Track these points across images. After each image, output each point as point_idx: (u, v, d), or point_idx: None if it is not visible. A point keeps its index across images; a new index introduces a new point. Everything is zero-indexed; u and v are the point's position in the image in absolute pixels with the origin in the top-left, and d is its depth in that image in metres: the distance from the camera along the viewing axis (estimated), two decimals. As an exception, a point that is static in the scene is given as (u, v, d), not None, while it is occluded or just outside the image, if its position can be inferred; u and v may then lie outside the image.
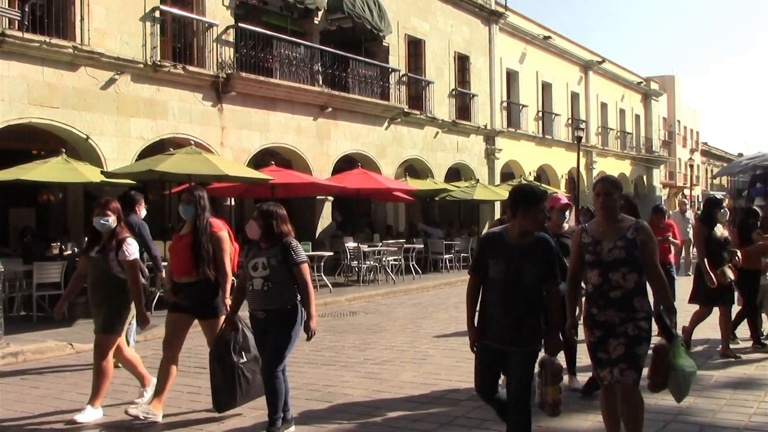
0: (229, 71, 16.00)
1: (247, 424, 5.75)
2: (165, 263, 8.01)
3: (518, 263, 4.31)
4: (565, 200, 6.73)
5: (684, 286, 9.33)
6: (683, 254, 15.43)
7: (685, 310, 8.04)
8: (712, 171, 66.78)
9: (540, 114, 31.22)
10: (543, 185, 26.71)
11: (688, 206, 18.64)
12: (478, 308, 4.53)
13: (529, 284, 4.32)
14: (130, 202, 8.34)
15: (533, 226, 4.40)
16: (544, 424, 5.37)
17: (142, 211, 8.51)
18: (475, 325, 4.51)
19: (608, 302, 4.41)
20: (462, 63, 25.52)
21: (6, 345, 8.77)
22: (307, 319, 5.40)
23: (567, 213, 6.67)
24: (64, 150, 12.75)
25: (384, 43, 21.39)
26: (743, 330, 8.88)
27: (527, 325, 4.33)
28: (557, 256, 4.51)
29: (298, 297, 5.43)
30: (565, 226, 6.62)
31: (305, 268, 5.42)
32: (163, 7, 14.89)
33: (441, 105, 23.90)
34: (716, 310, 8.18)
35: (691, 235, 17.18)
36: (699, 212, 47.32)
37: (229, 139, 16.36)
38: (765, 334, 8.82)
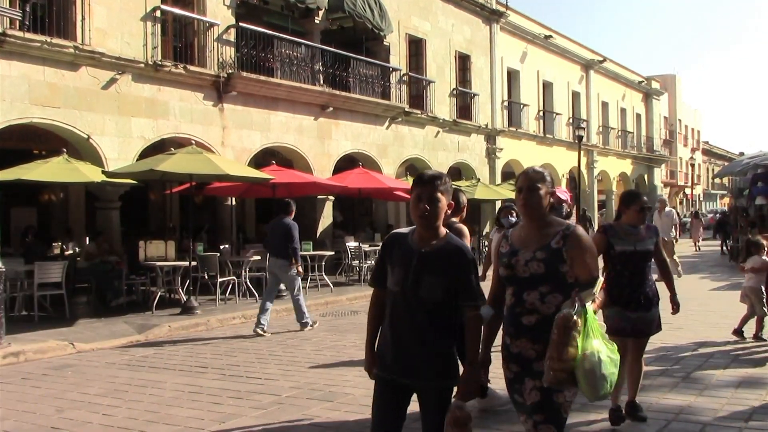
0: (230, 71, 16.00)
1: (248, 424, 5.75)
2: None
3: (415, 273, 3.36)
4: (561, 194, 6.08)
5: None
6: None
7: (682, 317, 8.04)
8: (713, 170, 66.76)
9: (541, 113, 31.21)
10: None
11: (668, 203, 17.93)
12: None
13: (430, 301, 3.36)
14: (285, 207, 10.75)
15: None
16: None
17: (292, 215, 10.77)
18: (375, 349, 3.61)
19: (520, 330, 3.41)
20: (463, 62, 25.52)
21: (7, 345, 8.79)
22: None
23: (565, 209, 5.58)
24: (65, 150, 12.76)
25: (385, 43, 21.39)
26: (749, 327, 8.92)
27: (435, 353, 3.38)
28: (476, 269, 3.46)
29: None
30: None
31: None
32: (164, 6, 14.89)
33: (442, 104, 23.89)
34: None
35: (674, 235, 17.05)
36: (696, 211, 46.86)
37: (230, 138, 16.36)
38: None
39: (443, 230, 3.45)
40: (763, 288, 8.82)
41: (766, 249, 8.91)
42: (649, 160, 44.63)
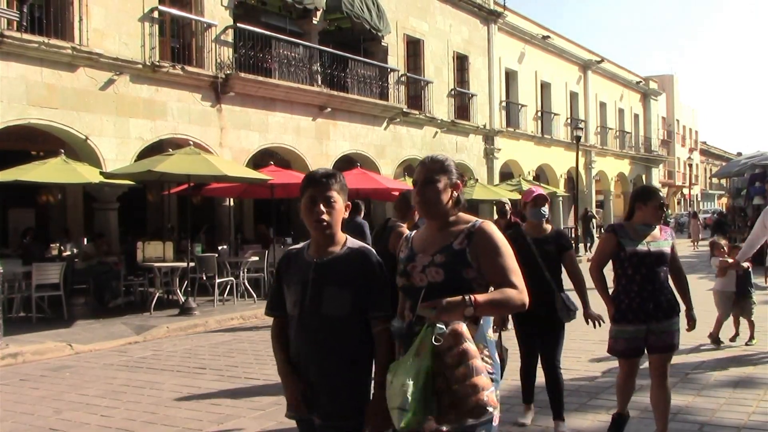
0: (228, 71, 16.00)
1: (246, 425, 5.75)
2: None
3: (314, 287, 2.92)
4: (538, 191, 5.44)
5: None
6: None
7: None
8: (711, 170, 66.82)
9: (539, 113, 31.23)
10: (542, 185, 26.73)
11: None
12: None
13: (336, 318, 2.88)
14: (356, 208, 11.27)
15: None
16: (542, 423, 5.38)
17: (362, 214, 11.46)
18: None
19: None
20: (461, 63, 25.53)
21: (5, 346, 8.77)
22: None
23: (545, 209, 5.33)
24: (63, 151, 12.75)
25: (383, 43, 21.39)
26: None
27: (340, 384, 2.88)
28: (384, 275, 2.96)
29: None
30: (547, 227, 5.40)
31: None
32: (161, 7, 14.89)
33: (440, 105, 23.90)
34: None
35: None
36: (695, 211, 46.81)
37: (228, 139, 16.36)
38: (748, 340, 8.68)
39: (342, 235, 3.04)
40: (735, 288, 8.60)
41: (724, 249, 8.74)
42: (647, 160, 44.67)
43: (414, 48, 23.21)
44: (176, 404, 6.41)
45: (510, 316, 5.45)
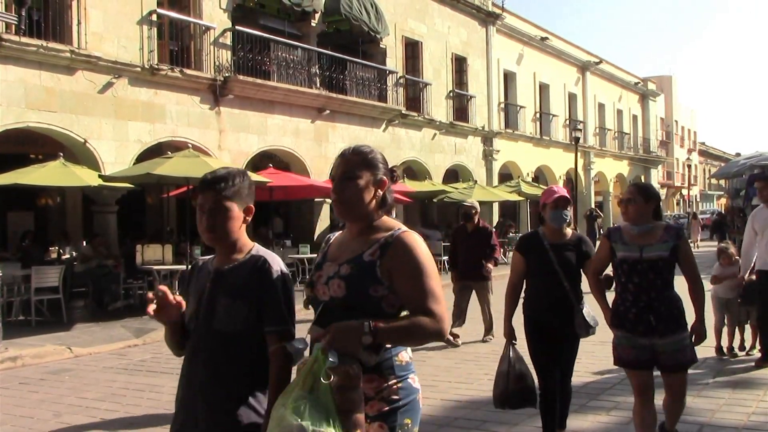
0: (227, 74, 16.00)
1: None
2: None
3: (209, 298, 2.62)
4: (561, 192, 4.86)
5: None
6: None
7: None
8: (709, 171, 66.86)
9: (537, 115, 31.25)
10: (540, 186, 26.74)
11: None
12: None
13: (230, 335, 2.55)
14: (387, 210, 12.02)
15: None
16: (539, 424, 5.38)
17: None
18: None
19: None
20: (459, 64, 25.55)
21: (5, 349, 8.77)
22: None
23: (568, 212, 4.80)
24: (61, 154, 12.74)
25: (381, 45, 21.40)
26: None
27: (231, 410, 2.52)
28: (286, 285, 2.61)
29: None
30: (568, 231, 4.87)
31: None
32: (160, 10, 14.89)
33: (438, 106, 23.91)
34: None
35: None
36: (694, 212, 46.67)
37: (226, 141, 16.35)
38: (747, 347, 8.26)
39: (249, 243, 2.70)
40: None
41: (735, 259, 8.12)
42: (646, 161, 44.69)
43: (412, 50, 23.22)
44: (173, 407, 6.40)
45: (523, 326, 4.88)
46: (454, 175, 25.47)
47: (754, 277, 7.43)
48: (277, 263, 2.64)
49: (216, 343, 2.56)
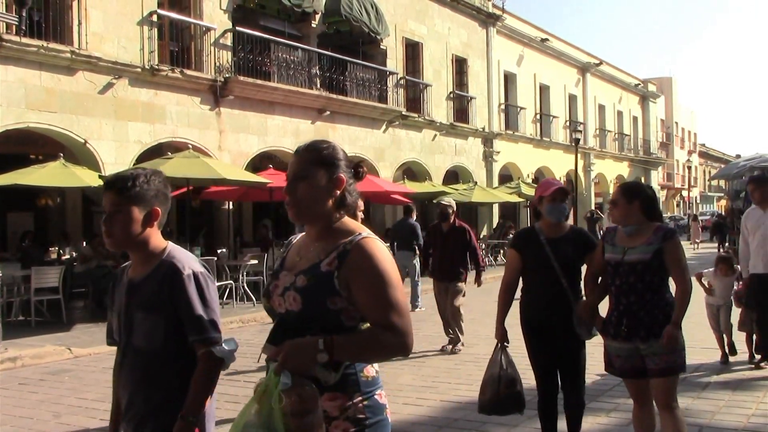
0: (227, 75, 16.01)
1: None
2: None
3: (127, 312, 2.49)
4: (558, 184, 4.64)
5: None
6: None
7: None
8: (709, 172, 66.87)
9: (538, 116, 31.26)
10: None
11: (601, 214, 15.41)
12: None
13: (151, 352, 2.41)
14: (409, 210, 12.56)
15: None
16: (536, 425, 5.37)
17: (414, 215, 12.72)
18: None
19: None
20: (459, 66, 25.56)
21: (4, 350, 8.77)
22: None
23: (566, 205, 4.57)
24: (62, 154, 12.74)
25: (381, 46, 21.42)
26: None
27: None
28: (202, 287, 2.45)
29: None
30: (566, 225, 4.64)
31: None
32: (160, 11, 14.90)
33: (439, 108, 23.92)
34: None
35: None
36: (695, 213, 46.56)
37: (227, 142, 16.36)
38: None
39: (160, 246, 2.54)
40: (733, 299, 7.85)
41: (734, 270, 7.78)
42: (646, 162, 44.71)
43: (413, 51, 23.23)
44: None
45: (521, 327, 4.62)
46: (454, 176, 25.48)
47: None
48: (188, 264, 2.46)
49: (139, 361, 2.43)
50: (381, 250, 2.18)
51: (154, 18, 14.74)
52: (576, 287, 4.49)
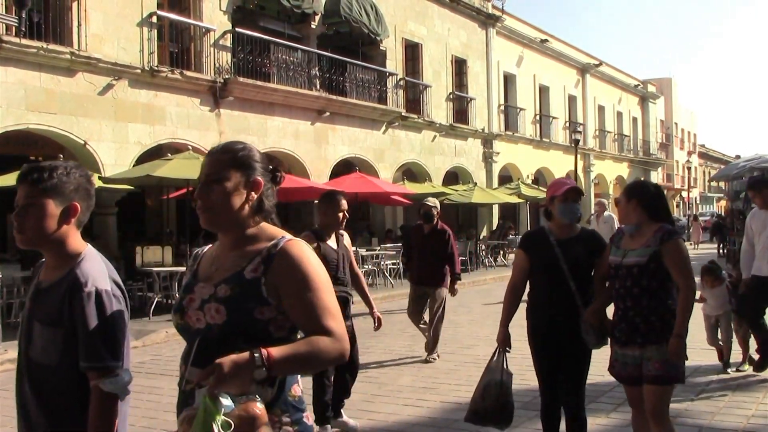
0: (227, 76, 16.02)
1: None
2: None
3: (26, 321, 2.33)
4: (572, 183, 4.45)
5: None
6: None
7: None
8: (709, 173, 66.89)
9: (537, 117, 31.26)
10: (540, 188, 26.75)
11: (607, 206, 14.87)
12: None
13: (48, 368, 2.23)
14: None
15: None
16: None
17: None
18: None
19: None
20: (459, 66, 25.57)
21: (4, 351, 8.76)
22: None
23: (579, 205, 4.36)
24: (61, 156, 12.73)
25: (381, 47, 21.42)
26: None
27: None
28: (103, 308, 2.20)
29: None
30: (577, 227, 4.42)
31: None
32: (160, 12, 14.91)
33: (438, 109, 23.92)
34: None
35: None
36: (695, 214, 46.55)
37: (226, 143, 16.34)
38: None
39: (77, 249, 2.31)
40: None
41: (725, 278, 7.52)
42: (646, 163, 44.71)
43: (412, 52, 23.24)
44: (175, 409, 6.39)
45: (526, 334, 4.46)
46: (454, 177, 25.48)
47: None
48: (94, 281, 2.20)
49: (36, 375, 2.23)
50: (308, 253, 2.05)
51: (154, 19, 14.74)
52: (585, 291, 4.27)
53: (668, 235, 3.89)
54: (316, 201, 18.81)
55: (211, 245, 2.24)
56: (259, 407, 1.83)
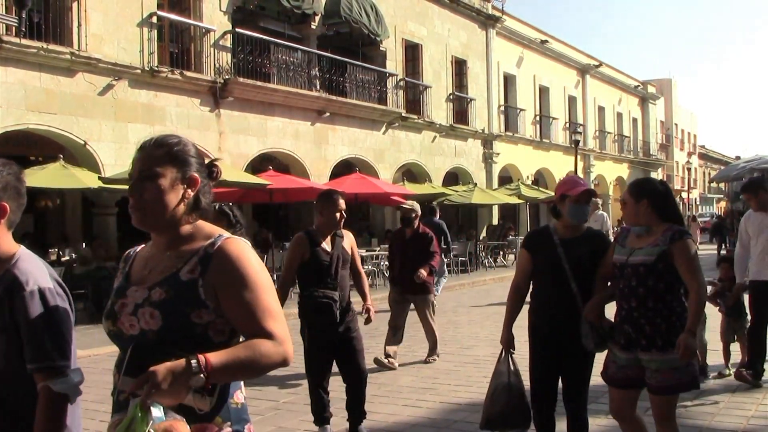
0: (227, 76, 16.02)
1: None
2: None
3: None
4: (585, 186, 4.30)
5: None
6: None
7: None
8: (709, 174, 66.89)
9: (537, 118, 31.27)
10: (540, 189, 26.75)
11: (600, 205, 14.46)
12: None
13: None
14: (432, 210, 13.30)
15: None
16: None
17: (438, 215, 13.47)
18: None
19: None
20: (459, 67, 25.57)
21: None
22: None
23: (590, 208, 4.34)
24: (61, 156, 12.75)
25: (381, 48, 21.42)
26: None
27: None
28: (48, 310, 2.10)
29: None
30: (582, 227, 4.32)
31: None
32: (160, 12, 14.91)
33: (438, 109, 23.92)
34: None
35: None
36: (694, 215, 46.33)
37: (226, 144, 16.36)
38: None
39: (11, 249, 2.23)
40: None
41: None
42: (646, 164, 44.70)
43: (412, 52, 23.24)
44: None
45: (528, 333, 4.33)
46: (454, 177, 25.48)
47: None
48: (36, 280, 2.10)
49: None
50: (248, 251, 1.95)
51: (154, 19, 14.74)
52: (588, 293, 4.12)
53: (679, 234, 3.77)
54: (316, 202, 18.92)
55: (143, 245, 2.13)
56: (181, 427, 1.71)
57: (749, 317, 6.93)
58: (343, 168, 19.93)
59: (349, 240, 5.48)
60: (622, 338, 3.83)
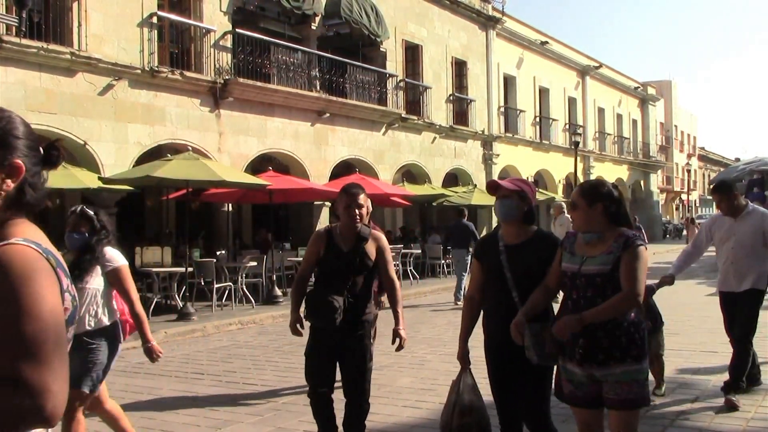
0: (227, 77, 16.02)
1: (244, 430, 5.74)
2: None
3: None
4: (497, 182, 4.22)
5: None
6: None
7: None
8: (709, 176, 66.95)
9: (537, 119, 31.28)
10: (540, 190, 26.76)
11: (564, 208, 14.55)
12: None
13: None
14: (461, 212, 13.77)
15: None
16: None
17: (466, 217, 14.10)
18: None
19: None
20: (459, 68, 25.58)
21: None
22: None
23: (513, 201, 4.05)
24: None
25: (381, 49, 21.43)
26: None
27: None
28: None
29: None
30: (530, 230, 4.04)
31: None
32: (160, 12, 14.91)
33: (438, 110, 23.93)
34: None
35: None
36: (691, 217, 46.28)
37: (226, 144, 16.36)
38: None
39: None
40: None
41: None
42: (646, 165, 44.72)
43: (412, 53, 23.25)
44: (174, 410, 6.40)
45: (483, 348, 4.05)
46: (453, 178, 25.49)
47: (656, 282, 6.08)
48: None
49: None
50: (22, 264, 1.45)
51: (154, 20, 14.75)
52: None
53: (631, 241, 3.47)
54: (316, 202, 18.97)
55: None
56: None
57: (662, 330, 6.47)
58: (343, 169, 19.93)
59: (375, 244, 4.81)
60: (578, 354, 3.48)
